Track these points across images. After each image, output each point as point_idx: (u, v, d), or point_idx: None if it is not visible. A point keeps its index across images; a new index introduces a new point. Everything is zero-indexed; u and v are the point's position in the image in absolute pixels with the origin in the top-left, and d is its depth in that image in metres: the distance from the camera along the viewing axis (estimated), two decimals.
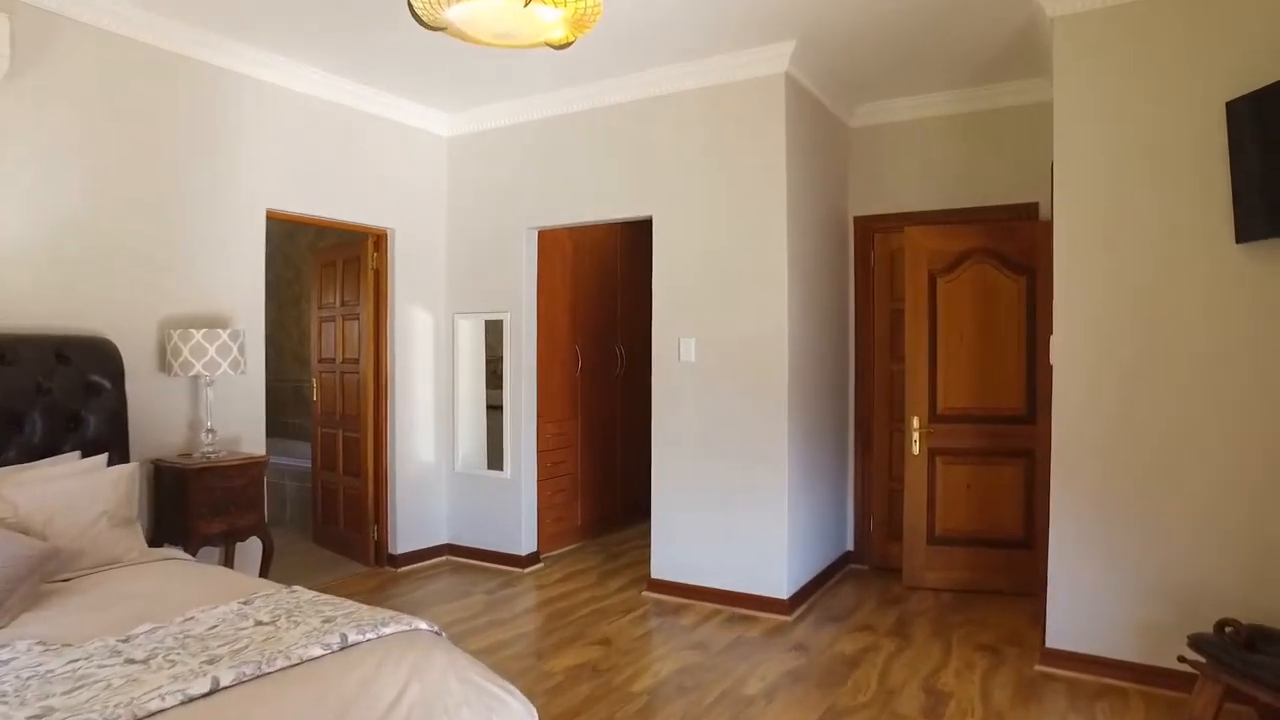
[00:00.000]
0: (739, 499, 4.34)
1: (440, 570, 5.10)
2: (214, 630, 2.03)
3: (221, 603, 2.26)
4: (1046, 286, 4.46)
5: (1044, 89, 4.62)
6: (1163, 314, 3.31)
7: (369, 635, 2.05)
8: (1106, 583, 3.41)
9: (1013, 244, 4.56)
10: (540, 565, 5.19)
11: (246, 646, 1.91)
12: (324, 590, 4.67)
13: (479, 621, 4.15)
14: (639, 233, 5.80)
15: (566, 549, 5.62)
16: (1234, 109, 3.12)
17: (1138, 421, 3.34)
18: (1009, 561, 4.59)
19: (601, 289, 6.01)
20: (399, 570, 5.05)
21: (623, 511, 6.23)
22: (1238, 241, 3.14)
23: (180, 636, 1.96)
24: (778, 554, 4.25)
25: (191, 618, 2.12)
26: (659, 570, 4.59)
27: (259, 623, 2.11)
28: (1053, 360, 3.59)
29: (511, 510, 5.13)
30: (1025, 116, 4.69)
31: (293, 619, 2.14)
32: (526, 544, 5.13)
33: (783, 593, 4.24)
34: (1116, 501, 3.39)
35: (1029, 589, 4.52)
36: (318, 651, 1.91)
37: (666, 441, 4.57)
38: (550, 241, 5.38)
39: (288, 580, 4.70)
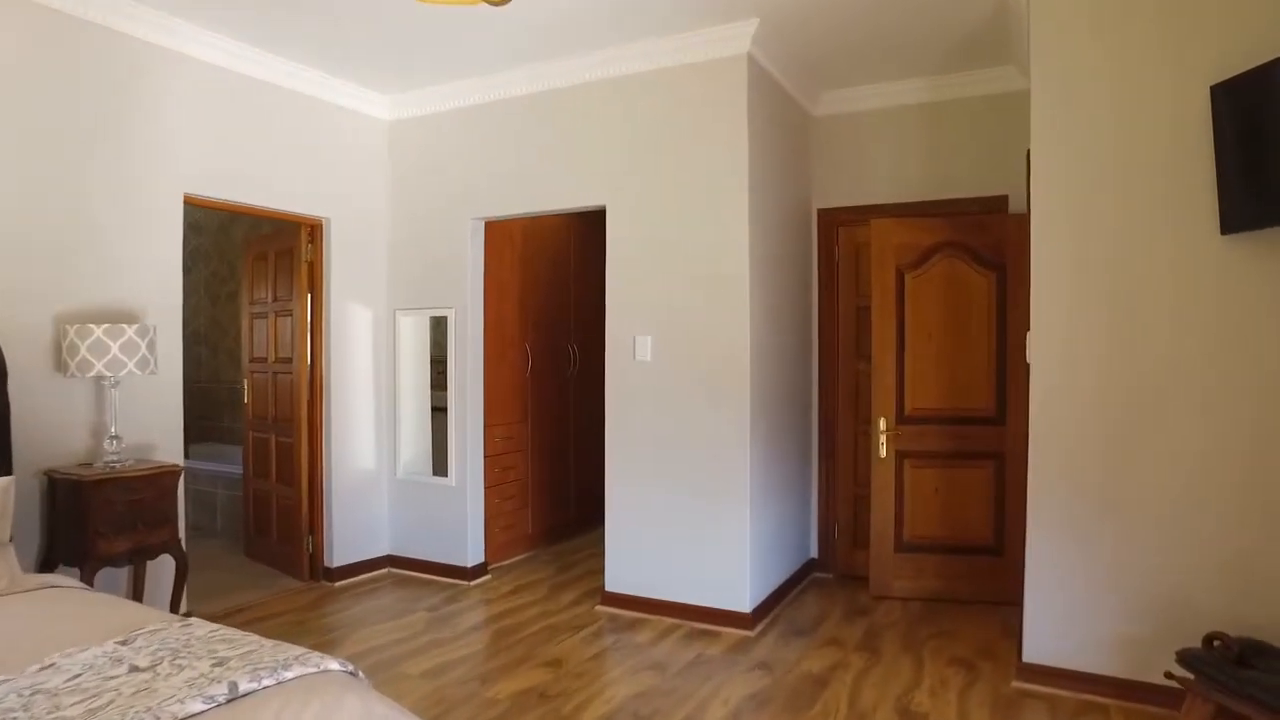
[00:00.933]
0: (698, 507, 4.09)
1: (381, 584, 4.76)
2: (74, 682, 1.70)
3: (95, 643, 1.93)
4: (1018, 282, 4.29)
5: (1014, 78, 4.45)
6: (1145, 310, 3.12)
7: (266, 682, 1.74)
8: (1086, 594, 3.22)
9: (983, 238, 4.37)
10: (488, 577, 4.88)
11: (109, 704, 1.59)
12: (252, 609, 4.41)
13: (419, 641, 3.83)
14: (593, 224, 5.51)
15: (517, 559, 5.31)
16: (1219, 93, 2.94)
17: (1118, 424, 3.16)
18: (979, 569, 4.41)
19: (553, 284, 5.72)
20: (336, 585, 4.69)
21: (576, 518, 5.94)
22: (1223, 233, 2.97)
23: (28, 692, 1.62)
24: (739, 565, 4.00)
25: (50, 665, 1.78)
26: (613, 583, 4.32)
27: (135, 669, 1.78)
28: (1029, 359, 3.40)
29: (457, 519, 4.81)
30: (995, 106, 4.52)
31: (177, 662, 1.82)
32: (473, 555, 4.82)
33: (745, 606, 3.99)
34: (1095, 508, 3.20)
35: (1000, 597, 4.34)
36: (198, 708, 1.59)
37: (621, 446, 4.29)
38: (498, 233, 5.07)
39: (212, 599, 4.37)
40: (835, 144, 4.93)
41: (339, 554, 4.74)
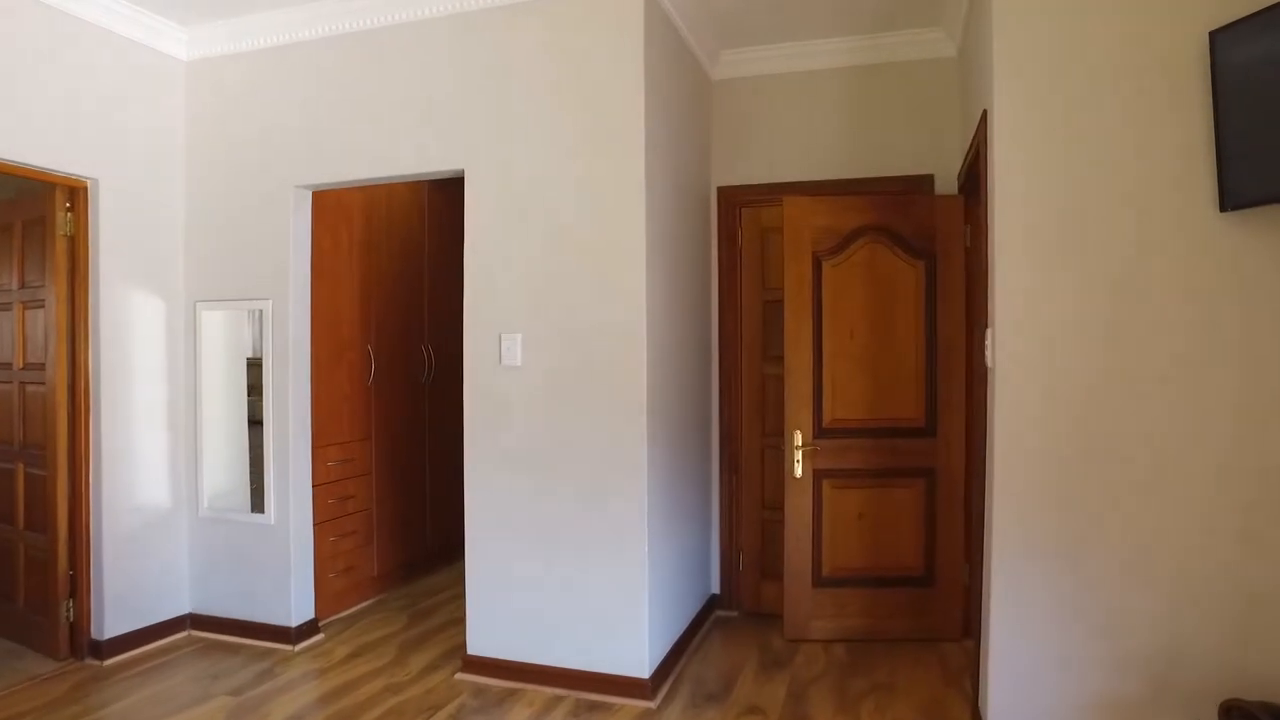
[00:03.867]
0: (584, 547, 3.29)
1: (175, 655, 3.68)
2: None
3: None
4: (949, 272, 3.74)
5: (943, 44, 3.91)
6: (1130, 302, 2.57)
7: None
8: (1062, 645, 2.63)
9: (909, 221, 3.80)
10: (319, 637, 3.89)
11: None
12: None
13: None
14: (454, 199, 4.61)
15: (359, 607, 4.33)
16: (1222, 40, 2.42)
17: (1103, 440, 2.59)
18: (909, 603, 3.83)
19: (404, 273, 4.76)
20: (107, 663, 3.57)
21: (435, 552, 5.01)
22: (1222, 209, 2.46)
23: None
24: (636, 618, 3.23)
25: None
26: (479, 644, 3.44)
27: None
28: (990, 362, 2.80)
29: (278, 566, 3.80)
30: (921, 74, 3.97)
31: None
32: (299, 610, 3.81)
33: (643, 670, 3.22)
34: (1075, 543, 2.62)
35: (933, 634, 3.78)
36: None
37: (484, 473, 3.42)
38: (332, 208, 4.09)
39: None
40: (738, 112, 4.25)
41: (114, 621, 3.62)
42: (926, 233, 3.79)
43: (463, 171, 3.46)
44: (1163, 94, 2.54)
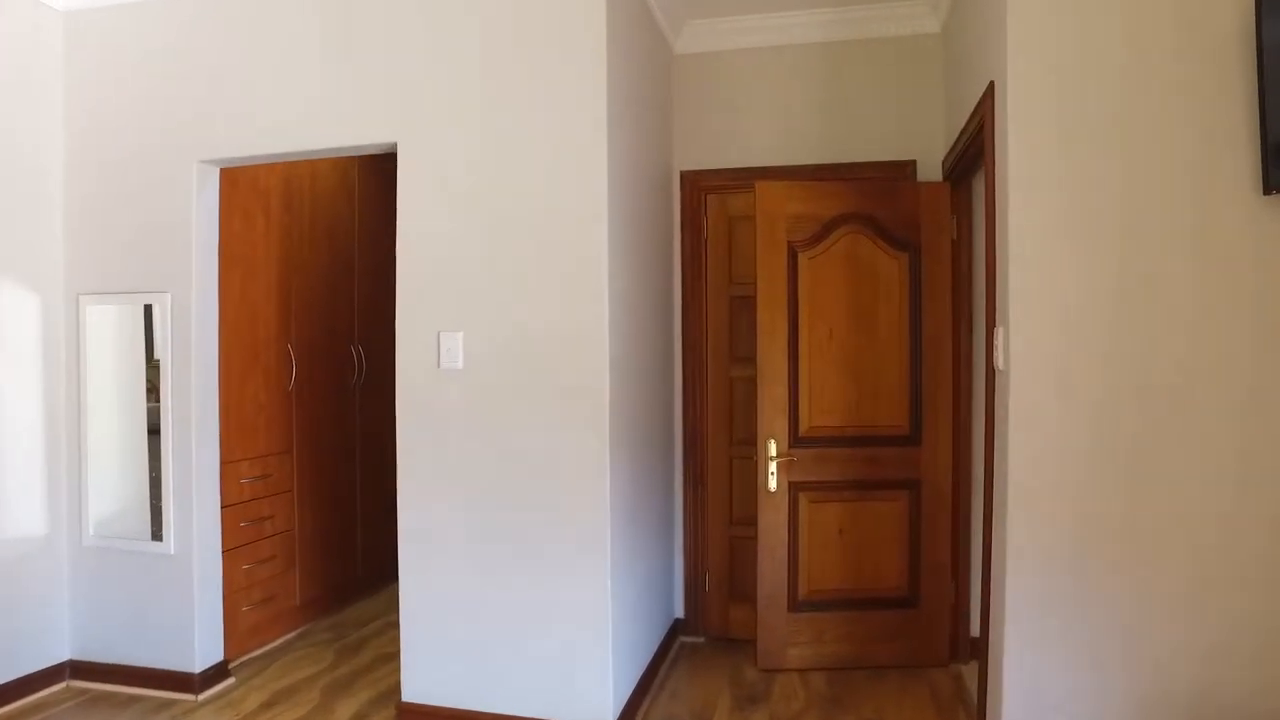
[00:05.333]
0: (539, 575, 2.87)
1: (51, 714, 3.13)
2: None
3: None
4: (935, 266, 3.44)
5: (924, 18, 3.61)
6: (1159, 295, 2.28)
7: None
8: (1085, 686, 2.33)
9: (894, 210, 3.47)
10: (230, 682, 3.38)
11: None
12: None
13: None
14: (390, 180, 4.12)
15: (279, 642, 3.83)
16: (1269, 6, 2.13)
17: (1136, 453, 2.29)
18: (893, 626, 3.51)
19: (331, 263, 4.26)
20: None
21: (367, 574, 4.51)
22: (1266, 192, 2.18)
23: None
24: (597, 656, 2.82)
25: None
26: (415, 688, 2.99)
27: None
28: (1000, 364, 2.48)
29: (179, 602, 3.27)
30: (902, 51, 3.66)
31: None
32: (205, 652, 3.30)
33: (608, 714, 2.82)
34: (1101, 570, 2.32)
35: (919, 659, 3.48)
36: None
37: (421, 491, 2.98)
38: (245, 187, 3.58)
39: None
40: (703, 89, 3.88)
41: None
42: (910, 223, 3.47)
43: (395, 146, 3.00)
44: (1201, 65, 2.25)
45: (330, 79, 3.06)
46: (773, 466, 3.45)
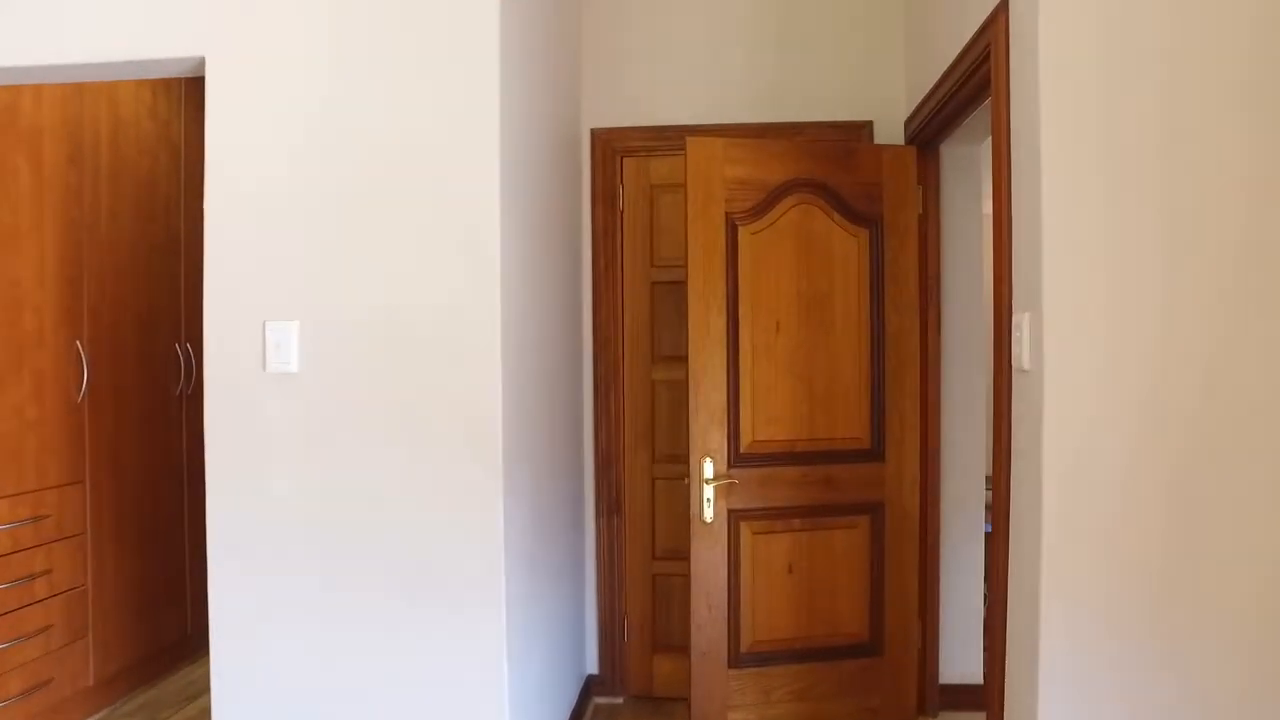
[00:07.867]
0: (410, 643, 2.10)
1: None
2: None
3: None
4: (899, 245, 2.87)
5: None
6: (1255, 270, 1.74)
7: None
8: None
9: (852, 177, 2.87)
10: None
11: None
12: None
13: None
14: None
15: None
16: None
17: (1203, 474, 1.74)
18: (853, 678, 2.90)
19: (144, 236, 3.33)
20: None
21: (201, 630, 3.58)
22: None
23: None
24: None
25: None
26: None
27: None
28: (1025, 362, 1.89)
29: None
30: None
31: None
32: None
33: None
34: (1156, 619, 1.76)
35: (884, 715, 2.89)
36: None
37: (241, 538, 2.16)
38: (2, 126, 2.64)
39: None
40: (618, 31, 3.19)
41: None
42: (871, 194, 2.88)
43: (201, 60, 2.16)
44: None
45: None
46: (709, 491, 2.78)
